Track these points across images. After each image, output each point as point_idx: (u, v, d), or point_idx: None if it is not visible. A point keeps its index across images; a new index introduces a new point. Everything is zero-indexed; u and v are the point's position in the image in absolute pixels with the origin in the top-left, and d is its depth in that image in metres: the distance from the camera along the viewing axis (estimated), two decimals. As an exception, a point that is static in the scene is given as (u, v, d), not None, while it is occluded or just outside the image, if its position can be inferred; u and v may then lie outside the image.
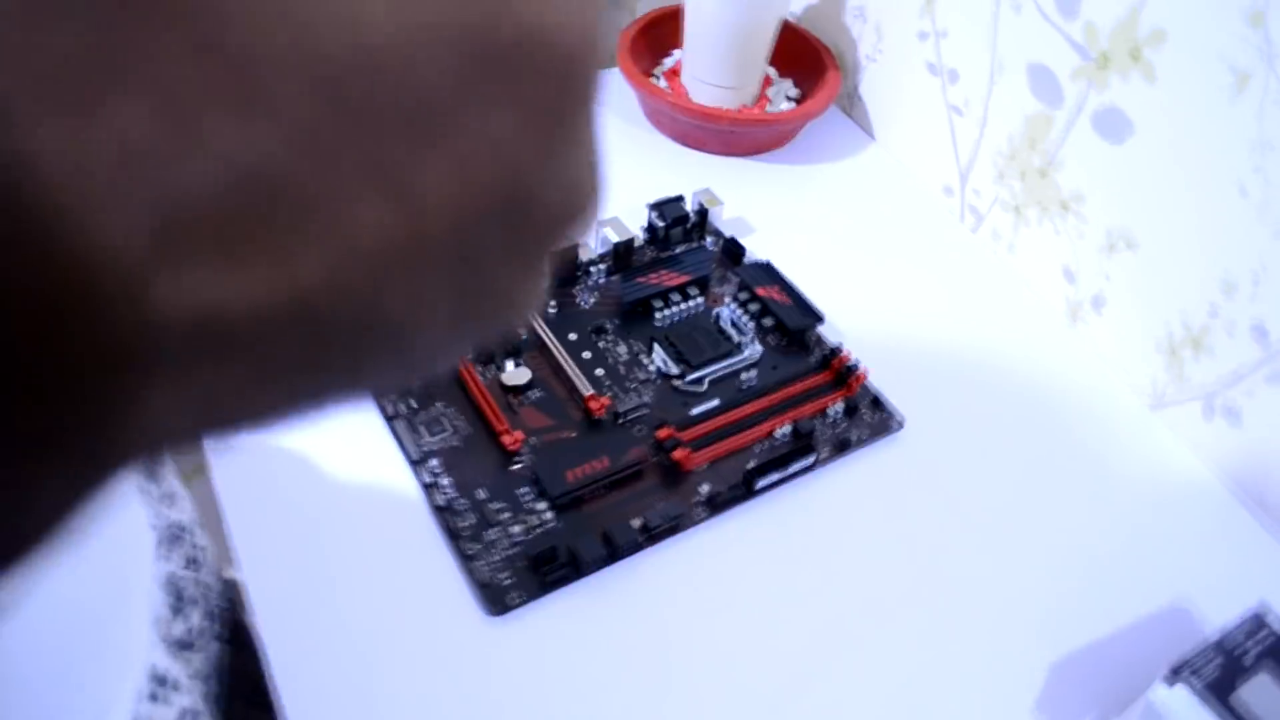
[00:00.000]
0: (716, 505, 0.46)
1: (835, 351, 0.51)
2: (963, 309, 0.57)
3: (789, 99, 0.67)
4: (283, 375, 0.12)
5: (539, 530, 0.44)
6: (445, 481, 0.46)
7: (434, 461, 0.46)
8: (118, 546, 0.34)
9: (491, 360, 0.51)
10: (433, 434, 0.47)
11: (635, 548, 0.44)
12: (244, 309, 0.11)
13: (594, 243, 0.56)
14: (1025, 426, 0.51)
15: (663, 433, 0.47)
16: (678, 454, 0.46)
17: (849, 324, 0.55)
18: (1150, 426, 0.52)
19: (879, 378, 0.52)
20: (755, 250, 0.58)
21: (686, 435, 0.47)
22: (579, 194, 0.15)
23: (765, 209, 0.62)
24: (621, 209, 0.59)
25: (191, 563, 0.47)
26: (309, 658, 0.40)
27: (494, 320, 0.15)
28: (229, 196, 0.10)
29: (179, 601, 0.41)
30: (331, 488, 0.46)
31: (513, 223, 0.13)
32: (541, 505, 0.45)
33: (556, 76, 0.12)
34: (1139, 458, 0.51)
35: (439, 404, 0.49)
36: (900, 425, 0.50)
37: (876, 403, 0.51)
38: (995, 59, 0.56)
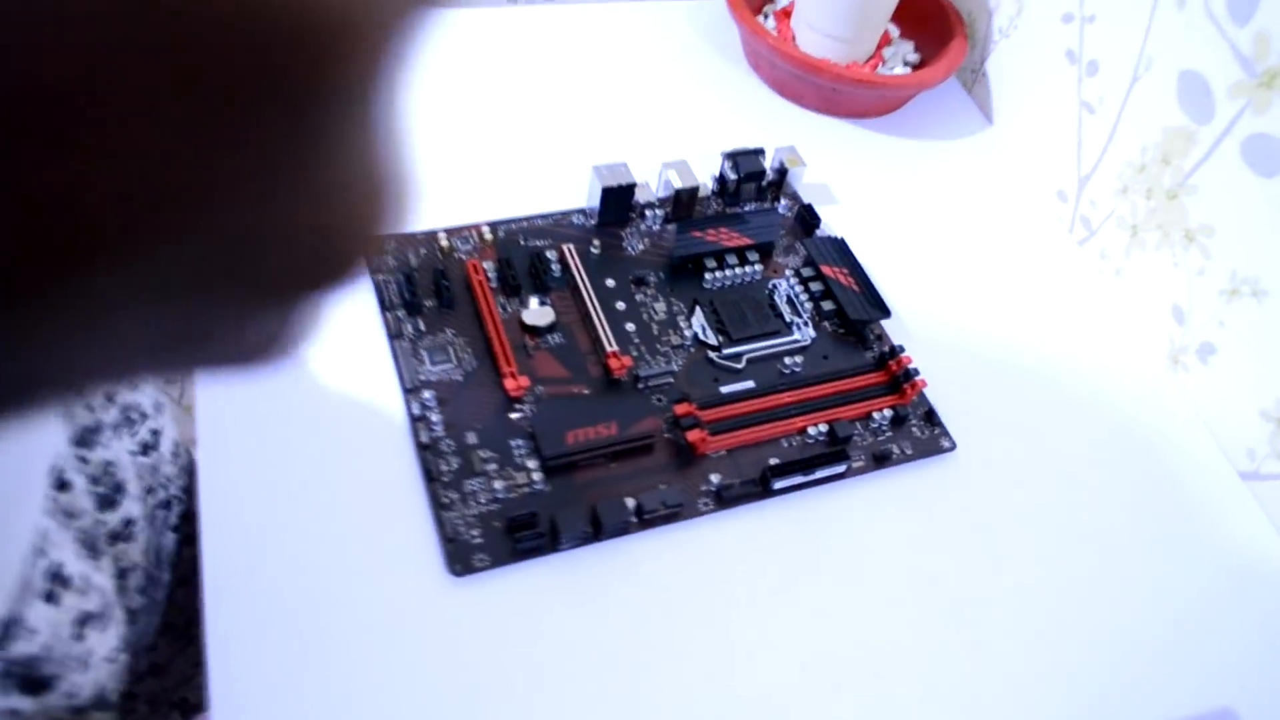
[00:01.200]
0: (725, 499, 0.41)
1: (895, 352, 0.45)
2: (1050, 330, 0.51)
3: (906, 63, 0.61)
4: None
5: (524, 490, 0.40)
6: (435, 417, 0.41)
7: (428, 393, 0.42)
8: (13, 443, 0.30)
9: (517, 292, 0.46)
10: (434, 362, 0.43)
11: (623, 530, 0.40)
12: None
13: (656, 184, 0.51)
14: (1092, 473, 0.45)
15: (681, 408, 0.42)
16: (693, 435, 0.41)
17: (919, 324, 0.49)
18: (1237, 497, 0.46)
19: (939, 390, 0.46)
20: (833, 224, 0.52)
21: (708, 415, 0.42)
22: (329, 237, 0.12)
23: (855, 180, 0.55)
24: (695, 153, 0.54)
25: (147, 448, 0.44)
26: (247, 581, 0.37)
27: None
28: None
29: (115, 492, 0.38)
30: (315, 399, 0.42)
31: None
32: (533, 464, 0.41)
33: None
34: (1219, 529, 0.44)
35: (449, 331, 0.44)
36: (952, 447, 0.44)
37: (930, 417, 0.45)
38: (1143, 56, 0.49)
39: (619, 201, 0.49)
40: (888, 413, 0.44)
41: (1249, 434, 0.46)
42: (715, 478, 0.41)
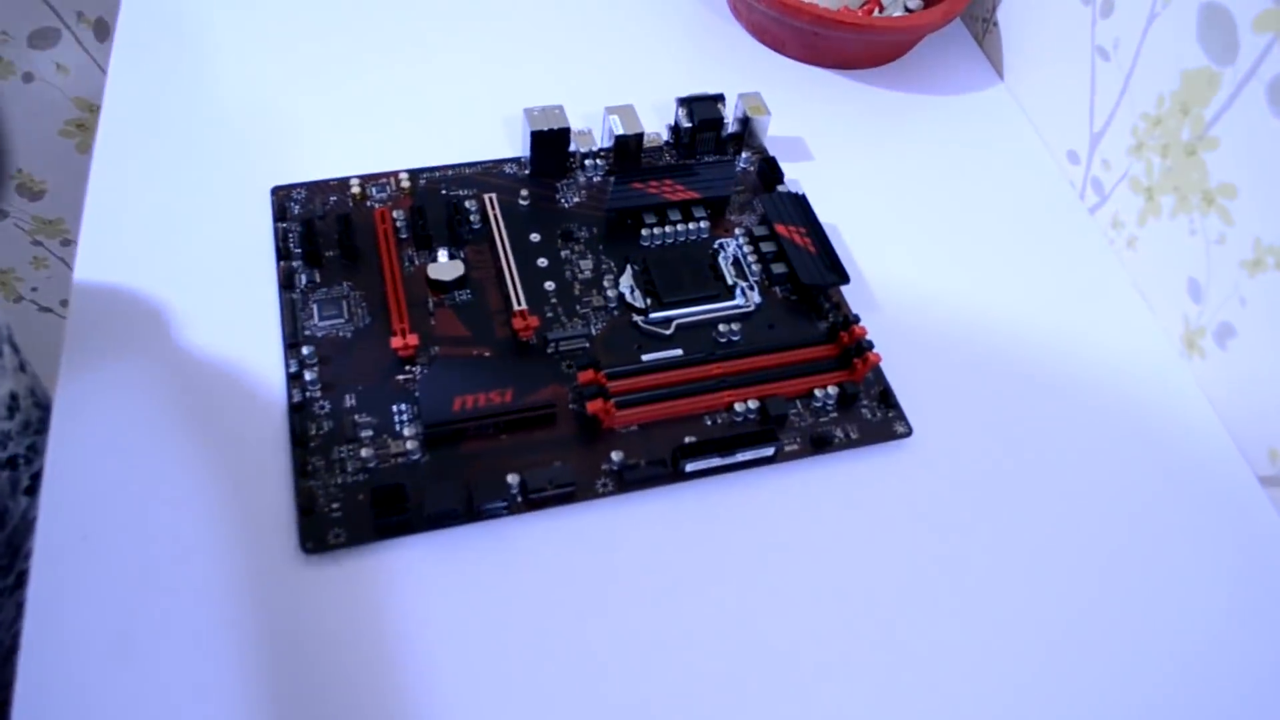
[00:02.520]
0: (626, 481, 0.36)
1: (848, 321, 0.39)
2: (1048, 308, 0.44)
3: (908, 11, 0.54)
4: None
5: (397, 461, 0.35)
6: (312, 375, 0.37)
7: (308, 349, 0.38)
8: None
9: (429, 245, 0.41)
10: (324, 317, 0.39)
11: (502, 510, 0.35)
12: None
13: (599, 132, 0.46)
14: (1081, 475, 0.39)
15: (585, 375, 0.37)
16: (594, 405, 0.36)
17: (890, 296, 0.43)
18: (1256, 502, 0.39)
19: (903, 369, 0.40)
20: (803, 182, 0.47)
21: (619, 385, 0.37)
22: None
23: (835, 136, 0.50)
24: (650, 99, 0.48)
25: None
26: (81, 545, 0.33)
27: None
28: None
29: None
30: (192, 352, 0.38)
31: None
32: (410, 431, 0.36)
33: None
34: (1233, 540, 0.38)
35: (346, 284, 0.40)
36: (907, 433, 0.39)
37: (885, 398, 0.39)
38: (1162, -13, 0.42)
39: (553, 149, 0.44)
40: (833, 390, 0.39)
41: (1271, 432, 0.39)
42: (617, 456, 0.36)
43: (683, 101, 0.46)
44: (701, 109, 0.46)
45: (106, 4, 0.65)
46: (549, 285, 0.41)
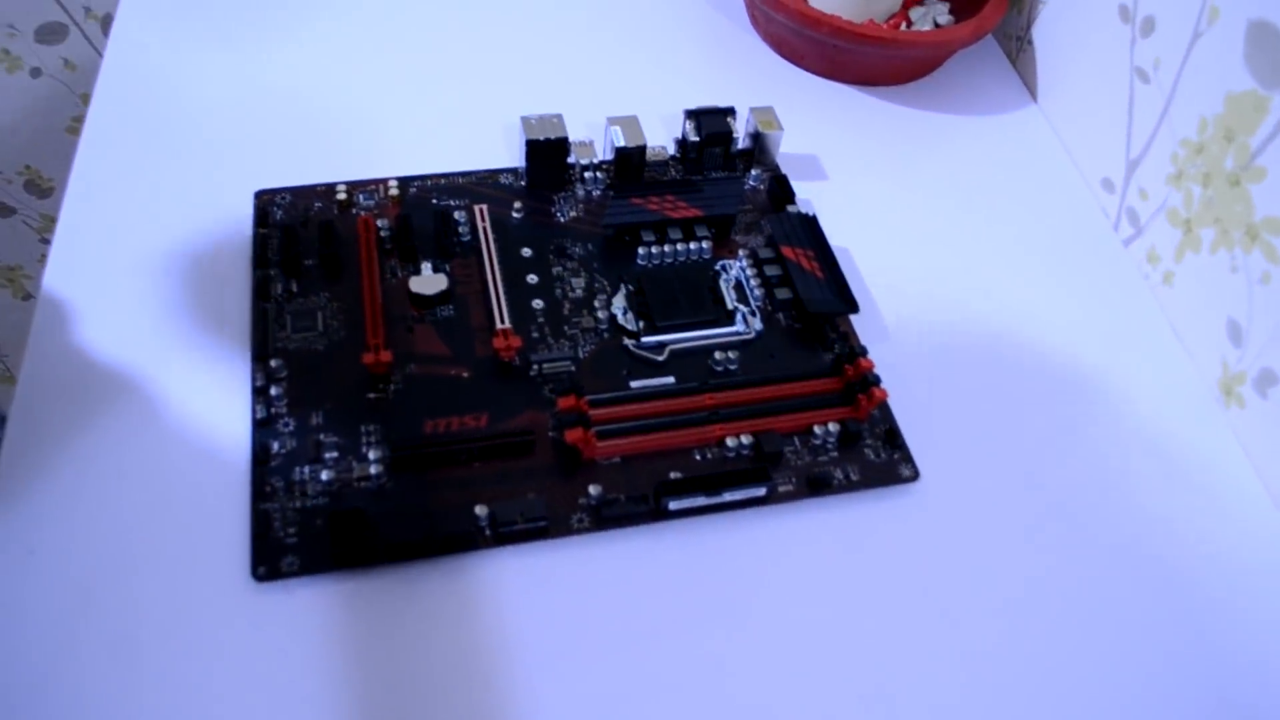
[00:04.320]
0: (604, 518, 0.33)
1: (854, 354, 0.37)
2: (1075, 347, 0.41)
3: (938, 26, 0.52)
4: None
5: (361, 485, 0.33)
6: (278, 390, 0.35)
7: (277, 362, 0.36)
8: None
9: (414, 257, 0.39)
10: (297, 329, 0.37)
11: (468, 544, 0.32)
12: None
13: (601, 144, 0.43)
14: (1104, 533, 0.36)
15: (565, 401, 0.35)
16: (572, 434, 0.34)
17: (905, 329, 0.40)
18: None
19: (912, 408, 0.37)
20: (815, 202, 0.44)
21: (602, 413, 0.35)
22: None
23: (854, 155, 0.47)
24: (657, 111, 0.46)
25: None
26: (30, 538, 0.31)
27: None
28: None
29: None
30: (157, 362, 0.36)
31: None
32: (376, 454, 0.34)
33: None
34: (1273, 602, 0.34)
35: (324, 295, 0.38)
36: (913, 477, 0.36)
37: (891, 438, 0.36)
38: (1205, 6, 0.39)
39: (550, 159, 0.42)
40: (834, 428, 0.36)
41: (1313, 489, 0.36)
42: (596, 490, 0.33)
43: (690, 114, 0.44)
44: (710, 122, 0.43)
45: (113, 1, 0.64)
46: (537, 303, 0.39)
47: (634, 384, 0.37)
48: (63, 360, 0.35)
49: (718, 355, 0.38)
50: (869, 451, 0.36)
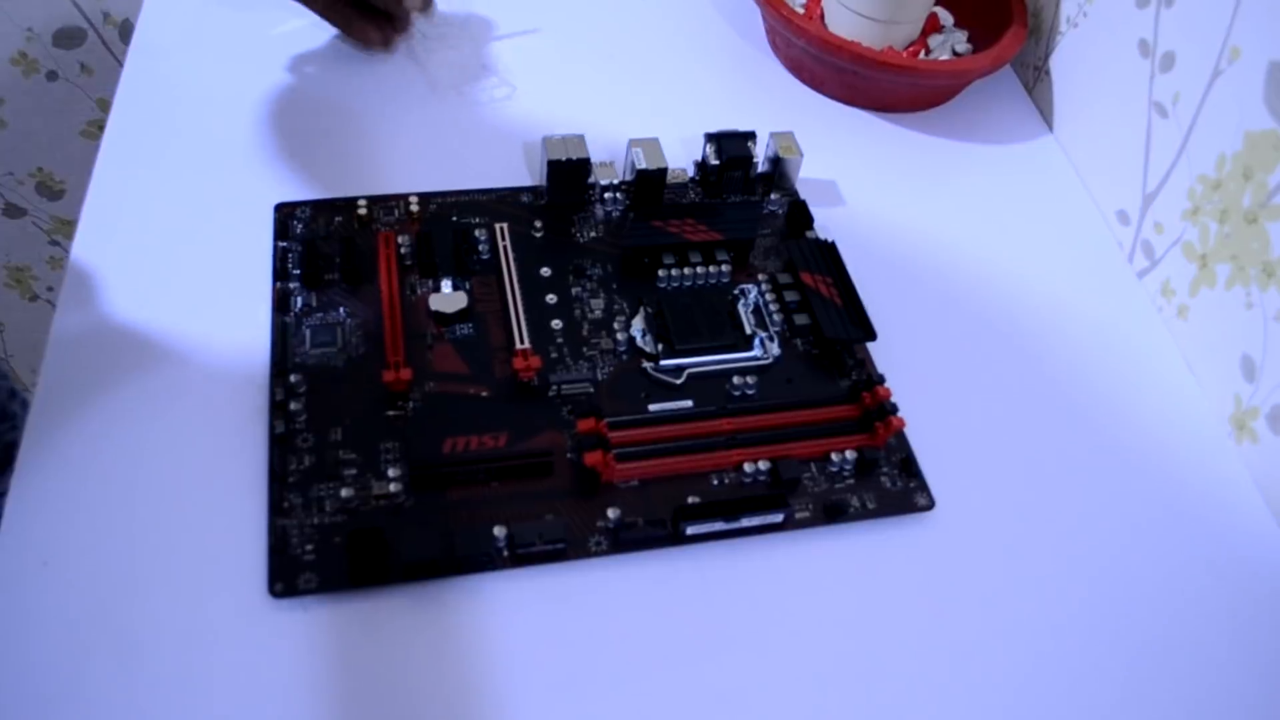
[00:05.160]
0: (622, 541, 0.33)
1: (872, 381, 0.37)
2: (1089, 378, 0.41)
3: (956, 54, 0.52)
4: None
5: (380, 503, 0.33)
6: (297, 405, 0.35)
7: (296, 377, 0.36)
8: None
9: (434, 273, 0.39)
10: (316, 343, 0.37)
11: (485, 564, 0.32)
12: None
13: (622, 165, 0.44)
14: (1118, 565, 0.36)
15: (585, 423, 0.35)
16: (591, 457, 0.34)
17: (917, 357, 0.40)
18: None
19: (927, 436, 0.37)
20: (832, 227, 0.44)
21: (620, 436, 0.35)
22: None
23: (871, 181, 0.47)
24: (677, 133, 0.46)
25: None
26: (45, 549, 0.31)
27: None
28: None
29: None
30: (177, 374, 0.36)
31: None
32: (396, 472, 0.34)
33: None
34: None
35: (343, 310, 0.38)
36: (929, 505, 0.36)
37: (907, 466, 0.36)
38: (1227, 46, 0.39)
39: (571, 179, 0.42)
40: (851, 455, 0.36)
41: (1326, 527, 0.36)
42: (614, 513, 0.33)
43: (711, 137, 0.44)
44: (731, 146, 0.43)
45: (134, 6, 0.64)
46: (556, 324, 0.39)
47: (652, 407, 0.37)
48: (79, 373, 0.35)
49: (736, 380, 0.38)
50: (885, 479, 0.36)
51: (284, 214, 0.41)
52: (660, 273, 0.40)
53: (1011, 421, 0.39)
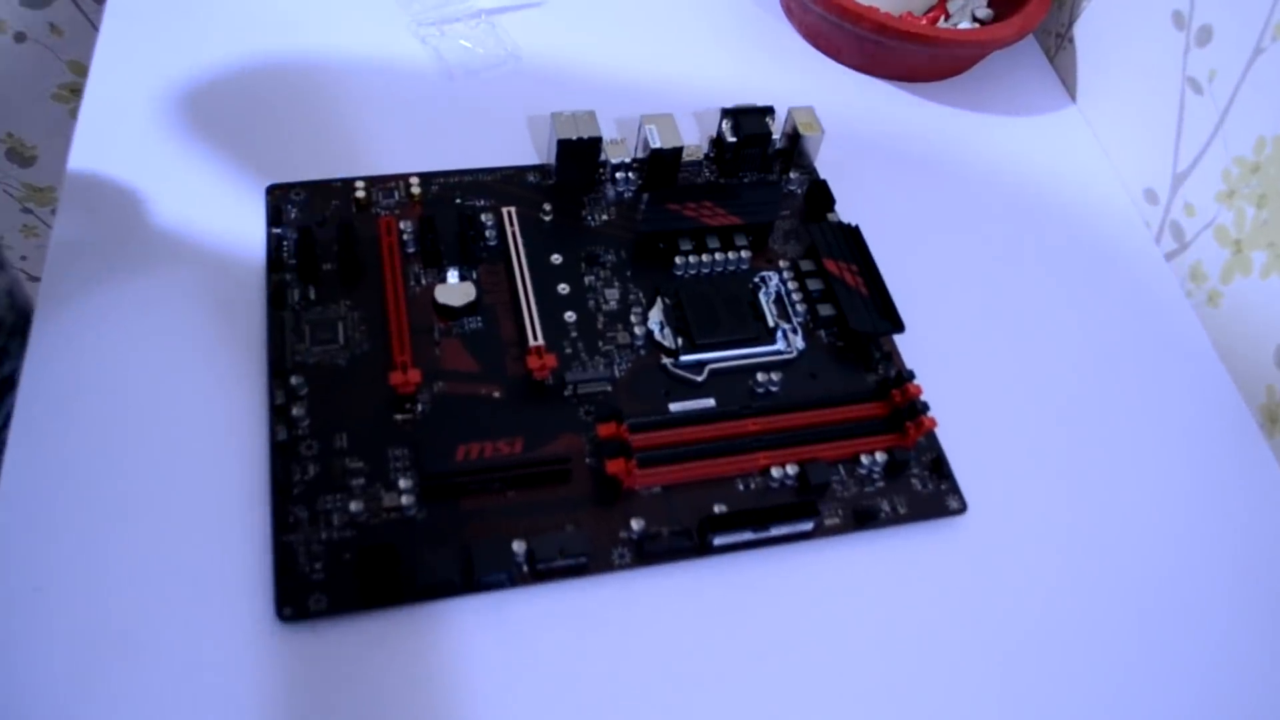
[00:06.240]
0: (646, 553, 0.32)
1: (902, 378, 0.35)
2: (1117, 367, 0.40)
3: (976, 20, 0.50)
4: None
5: (390, 516, 0.31)
6: (300, 411, 0.33)
7: (297, 379, 0.34)
8: None
9: (438, 262, 0.37)
10: (317, 341, 0.35)
11: (505, 581, 0.31)
12: None
13: (634, 142, 0.41)
14: (1155, 564, 0.35)
15: (605, 428, 0.33)
16: (614, 466, 0.32)
17: (942, 347, 0.39)
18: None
19: (955, 434, 0.36)
20: (853, 208, 0.42)
21: (642, 440, 0.33)
22: None
23: (891, 156, 0.45)
24: (690, 105, 0.44)
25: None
26: (36, 573, 0.29)
27: None
28: None
29: None
30: (166, 375, 0.34)
31: None
32: (407, 482, 0.32)
33: None
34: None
35: (345, 303, 0.36)
36: (961, 509, 0.34)
37: (938, 467, 0.35)
38: (1270, 22, 0.37)
39: (581, 159, 0.40)
40: (881, 457, 0.34)
41: (1364, 526, 0.35)
42: (638, 524, 0.32)
43: (727, 113, 0.41)
44: (749, 123, 0.41)
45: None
46: (569, 316, 0.37)
47: (673, 406, 0.35)
48: (64, 376, 0.33)
49: (760, 377, 0.36)
50: (915, 482, 0.35)
51: (276, 197, 0.38)
52: (677, 259, 0.38)
53: (1038, 415, 0.38)
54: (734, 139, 0.41)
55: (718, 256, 0.39)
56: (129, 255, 0.36)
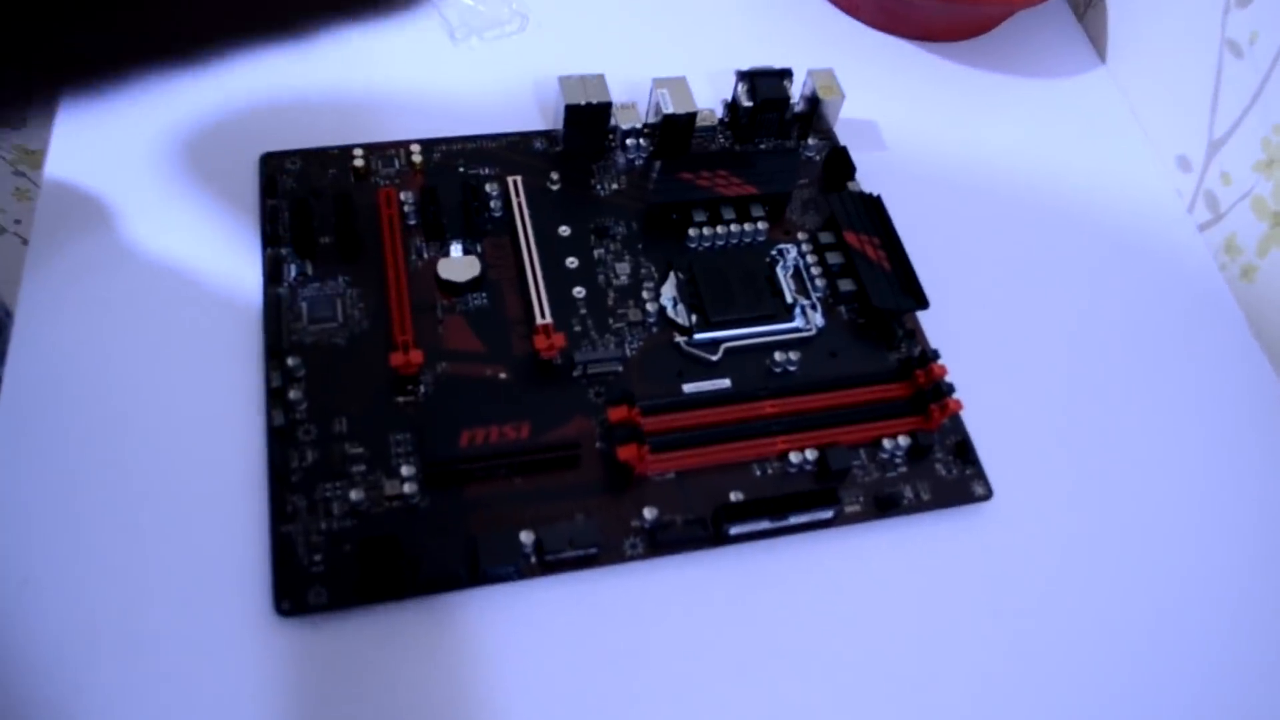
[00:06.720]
0: (659, 543, 0.30)
1: (926, 358, 0.34)
2: (1150, 346, 0.38)
3: (1001, -24, 0.47)
4: None
5: (392, 504, 0.30)
6: (297, 394, 0.32)
7: (294, 360, 0.32)
8: None
9: (441, 235, 0.36)
10: (315, 319, 0.33)
11: (513, 575, 0.29)
12: None
13: (645, 107, 0.39)
14: (1188, 555, 0.33)
15: (616, 412, 0.32)
16: (625, 452, 0.30)
17: (966, 324, 0.37)
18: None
19: (980, 416, 0.34)
20: (874, 176, 0.40)
21: (654, 424, 0.32)
22: None
23: (913, 120, 0.43)
24: (706, 70, 0.42)
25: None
26: (23, 566, 0.27)
27: None
28: None
29: None
30: (153, 349, 0.32)
31: None
32: (409, 469, 0.30)
33: None
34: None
35: (343, 279, 0.34)
36: (987, 495, 0.33)
37: (963, 451, 0.34)
38: (1326, -22, 0.35)
39: (590, 125, 0.38)
40: (904, 441, 0.33)
41: (1405, 512, 0.34)
42: (650, 512, 0.31)
43: (743, 75, 0.39)
44: (766, 86, 0.39)
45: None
46: (578, 291, 0.35)
47: (687, 387, 0.33)
48: (50, 360, 0.32)
49: (777, 356, 0.34)
50: (939, 466, 0.33)
51: (271, 166, 0.37)
52: (690, 231, 0.37)
53: (1065, 395, 0.36)
54: (750, 103, 0.39)
55: (733, 228, 0.37)
56: (116, 232, 0.35)
